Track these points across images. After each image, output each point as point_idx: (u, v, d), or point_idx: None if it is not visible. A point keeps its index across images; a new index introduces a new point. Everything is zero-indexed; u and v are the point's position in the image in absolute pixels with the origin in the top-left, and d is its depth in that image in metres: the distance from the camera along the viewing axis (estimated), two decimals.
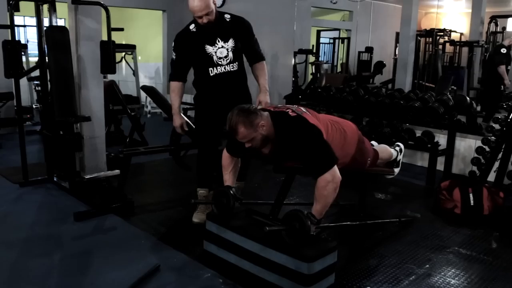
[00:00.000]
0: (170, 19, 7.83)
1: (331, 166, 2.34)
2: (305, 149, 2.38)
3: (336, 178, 2.35)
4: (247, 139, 2.42)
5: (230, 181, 2.76)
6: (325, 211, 2.39)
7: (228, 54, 3.05)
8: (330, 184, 2.33)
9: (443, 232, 3.29)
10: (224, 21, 3.06)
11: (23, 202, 3.73)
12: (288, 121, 2.45)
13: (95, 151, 4.31)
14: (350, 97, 5.12)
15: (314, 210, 2.35)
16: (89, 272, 2.61)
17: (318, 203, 2.36)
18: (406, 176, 4.63)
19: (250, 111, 2.41)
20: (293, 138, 2.42)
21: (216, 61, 3.05)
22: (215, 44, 3.02)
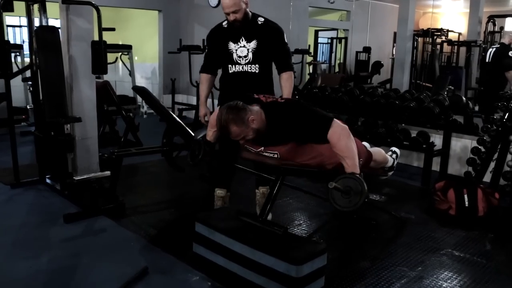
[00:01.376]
0: (166, 19, 7.80)
1: (330, 121, 2.38)
2: (301, 120, 2.41)
3: (342, 126, 2.39)
4: (240, 137, 2.42)
5: (212, 137, 2.79)
6: (357, 162, 2.37)
7: (248, 54, 3.01)
8: (341, 134, 2.36)
9: (437, 233, 3.25)
10: (256, 23, 3.02)
11: (13, 204, 3.69)
12: (278, 106, 2.49)
13: (88, 152, 4.27)
14: (345, 97, 5.08)
15: (349, 166, 2.32)
16: (75, 275, 2.57)
17: (347, 157, 2.34)
18: (402, 176, 4.60)
19: (239, 108, 2.39)
20: (286, 117, 2.44)
21: (236, 59, 3.03)
22: (238, 42, 3.02)
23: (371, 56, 9.59)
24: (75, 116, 3.96)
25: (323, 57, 11.34)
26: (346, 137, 2.35)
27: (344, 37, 9.92)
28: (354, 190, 2.25)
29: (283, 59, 3.11)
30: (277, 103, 2.52)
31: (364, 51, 9.68)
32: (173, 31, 7.71)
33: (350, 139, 2.37)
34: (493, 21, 8.43)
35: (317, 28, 10.82)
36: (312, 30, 10.38)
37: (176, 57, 7.24)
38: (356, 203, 2.26)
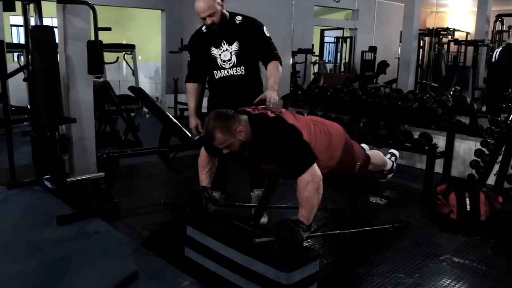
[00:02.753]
0: (169, 18, 7.76)
1: (309, 165, 2.22)
2: (282, 149, 2.27)
3: (316, 177, 2.22)
4: (224, 145, 2.31)
5: (206, 181, 2.66)
6: (312, 215, 2.26)
7: (232, 57, 2.94)
8: (310, 185, 2.20)
9: (437, 238, 3.17)
10: (234, 23, 2.95)
11: (8, 205, 3.67)
12: (265, 123, 2.35)
13: (85, 152, 4.24)
14: (347, 98, 5.00)
15: (301, 215, 2.23)
16: (64, 279, 2.52)
17: (303, 207, 2.23)
18: (404, 179, 4.51)
19: (227, 116, 2.30)
20: (270, 138, 2.31)
21: (220, 64, 2.97)
22: (220, 46, 2.95)
23: (377, 55, 9.49)
24: (71, 116, 3.94)
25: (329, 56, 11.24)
26: (313, 190, 2.20)
27: (350, 37, 9.83)
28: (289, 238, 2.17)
29: (267, 51, 3.01)
30: (266, 117, 2.36)
31: (370, 51, 9.57)
32: (176, 31, 7.66)
33: (316, 193, 2.21)
34: (501, 20, 8.27)
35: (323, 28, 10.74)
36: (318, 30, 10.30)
37: (179, 56, 7.19)
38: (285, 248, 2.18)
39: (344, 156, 2.69)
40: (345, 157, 2.70)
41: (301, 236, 2.15)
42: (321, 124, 2.63)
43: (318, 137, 2.52)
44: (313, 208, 2.25)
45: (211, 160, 2.67)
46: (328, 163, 2.58)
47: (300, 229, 2.16)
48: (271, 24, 6.56)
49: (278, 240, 2.20)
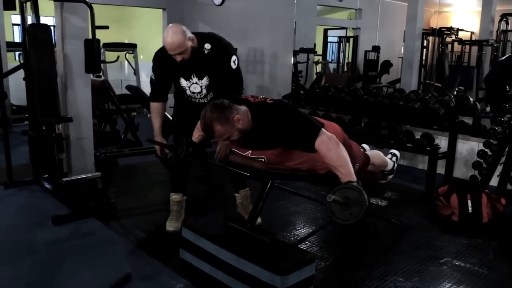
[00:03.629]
0: (170, 17, 7.69)
1: (318, 130, 2.24)
2: (287, 126, 2.29)
3: (329, 135, 2.25)
4: (224, 137, 2.30)
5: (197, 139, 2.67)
6: (351, 168, 2.21)
7: (202, 90, 2.87)
8: (330, 143, 2.22)
9: (438, 241, 3.11)
10: (202, 54, 2.74)
11: (4, 204, 3.63)
12: (266, 107, 2.38)
13: (83, 152, 4.22)
14: (348, 98, 4.94)
15: (344, 175, 2.17)
16: (56, 281, 2.49)
17: (340, 167, 2.20)
18: (405, 179, 4.45)
19: (224, 106, 2.27)
20: (273, 121, 2.32)
21: (190, 95, 2.91)
22: (189, 79, 2.84)
23: (380, 55, 9.42)
24: (69, 115, 3.91)
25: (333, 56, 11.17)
26: (335, 146, 2.21)
27: (353, 36, 9.76)
28: (353, 201, 2.11)
29: (231, 84, 2.85)
30: (265, 104, 2.41)
31: (373, 50, 9.50)
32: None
33: (340, 147, 2.23)
34: (506, 20, 8.17)
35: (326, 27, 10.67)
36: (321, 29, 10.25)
37: None
38: (357, 215, 2.12)
39: None
40: None
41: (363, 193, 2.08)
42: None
43: None
44: (348, 162, 2.22)
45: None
46: (325, 163, 2.53)
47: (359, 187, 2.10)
48: (272, 23, 6.58)
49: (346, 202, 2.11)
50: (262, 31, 6.69)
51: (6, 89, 5.87)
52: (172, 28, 2.64)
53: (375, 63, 9.55)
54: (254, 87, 6.91)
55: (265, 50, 6.66)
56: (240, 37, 6.94)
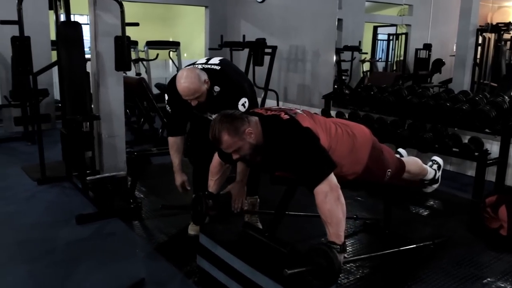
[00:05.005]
0: (212, 15, 7.66)
1: (326, 174, 1.96)
2: (295, 156, 2.02)
3: (333, 185, 1.96)
4: (233, 149, 2.10)
5: (213, 188, 2.50)
6: (342, 230, 1.96)
7: None
8: (329, 195, 1.94)
9: (482, 257, 2.81)
10: (212, 95, 2.63)
11: (34, 201, 3.66)
12: (278, 125, 2.10)
13: (114, 150, 4.18)
14: (391, 98, 4.65)
15: (329, 235, 1.94)
16: (70, 281, 2.45)
17: (329, 224, 1.95)
18: (451, 187, 4.12)
19: (234, 117, 2.08)
20: (282, 143, 2.07)
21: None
22: (204, 115, 2.78)
23: (431, 53, 8.97)
24: (102, 113, 3.89)
25: (383, 54, 10.77)
26: (334, 200, 1.93)
27: (403, 33, 9.34)
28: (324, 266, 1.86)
29: None
30: (279, 119, 2.12)
31: (424, 48, 9.06)
32: (220, 27, 7.55)
33: (338, 203, 1.94)
34: None
35: (376, 24, 10.30)
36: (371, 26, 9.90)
37: (221, 54, 7.06)
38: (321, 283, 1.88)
39: (372, 162, 2.41)
40: (372, 162, 2.41)
41: (338, 260, 1.85)
42: (344, 126, 2.38)
43: (339, 139, 2.26)
44: (340, 222, 1.95)
45: (223, 167, 2.49)
46: (352, 168, 2.33)
47: (334, 252, 1.86)
48: (314, 20, 6.36)
49: (312, 269, 1.90)
50: (303, 28, 6.48)
51: (50, 86, 6.10)
52: (187, 73, 2.50)
53: (426, 61, 9.11)
54: (295, 86, 6.72)
55: (306, 47, 6.45)
56: (281, 34, 6.77)
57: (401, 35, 9.38)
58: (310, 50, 6.42)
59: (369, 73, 8.23)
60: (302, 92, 6.63)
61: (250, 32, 7.04)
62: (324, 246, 1.89)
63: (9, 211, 3.43)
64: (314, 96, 6.35)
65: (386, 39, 10.54)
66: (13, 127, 5.83)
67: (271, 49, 5.93)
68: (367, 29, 8.96)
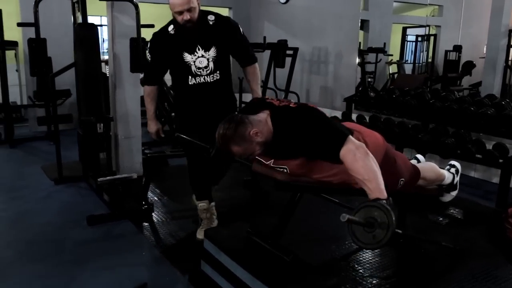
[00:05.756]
0: (236, 15, 7.63)
1: (344, 138, 1.93)
2: (310, 131, 2.01)
3: (357, 143, 1.94)
4: (246, 155, 2.09)
5: None
6: (382, 184, 1.88)
7: (209, 64, 2.69)
8: (357, 153, 1.89)
9: (501, 271, 2.65)
10: (207, 24, 2.67)
11: (49, 200, 3.70)
12: (289, 112, 2.10)
13: (130, 151, 4.22)
14: (413, 101, 4.51)
15: (372, 191, 1.85)
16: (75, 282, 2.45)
17: (367, 181, 1.87)
18: (474, 194, 3.96)
19: (237, 123, 2.03)
20: (294, 127, 2.05)
21: (195, 71, 2.70)
22: (194, 52, 2.67)
23: (461, 55, 8.69)
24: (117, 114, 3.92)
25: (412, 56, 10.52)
26: (363, 156, 1.89)
27: (432, 34, 9.09)
28: (378, 222, 1.77)
29: (245, 52, 2.86)
30: (288, 109, 2.14)
31: (454, 50, 8.80)
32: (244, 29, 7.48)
33: (369, 158, 1.90)
34: None
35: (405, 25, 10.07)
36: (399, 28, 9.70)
37: None
38: (381, 239, 1.76)
39: (383, 170, 2.26)
40: (384, 171, 2.28)
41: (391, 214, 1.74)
42: (356, 132, 2.29)
43: None
44: (377, 175, 1.89)
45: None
46: None
47: (386, 206, 1.76)
48: (337, 21, 6.24)
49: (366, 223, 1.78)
50: (326, 29, 6.38)
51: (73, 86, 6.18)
52: None
53: (456, 63, 8.84)
54: (318, 89, 6.62)
55: (329, 49, 6.34)
56: (304, 36, 6.68)
57: (430, 37, 9.15)
58: (332, 52, 6.31)
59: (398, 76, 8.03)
60: (324, 94, 6.53)
61: (273, 34, 6.98)
62: (374, 203, 1.79)
63: (24, 209, 3.49)
64: (336, 98, 6.23)
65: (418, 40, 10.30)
66: (37, 127, 5.97)
67: (293, 50, 5.86)
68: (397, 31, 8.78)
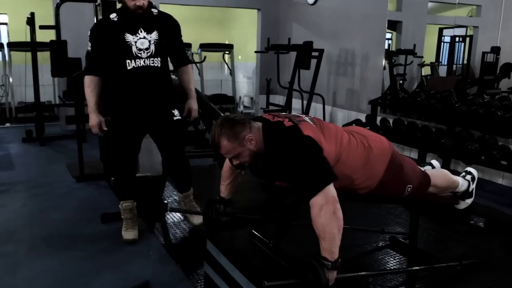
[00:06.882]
0: (264, 17, 7.63)
1: (323, 186, 1.84)
2: (293, 164, 1.91)
3: (330, 198, 1.83)
4: (232, 155, 2.04)
5: (225, 193, 2.44)
6: (336, 246, 1.83)
7: (150, 46, 2.69)
8: (324, 208, 1.81)
9: None
10: (151, 14, 2.75)
11: (69, 197, 3.81)
12: (280, 132, 2.01)
13: (150, 151, 4.26)
14: (438, 105, 4.37)
15: (322, 250, 1.83)
16: (76, 281, 2.49)
17: (322, 238, 1.83)
18: (500, 203, 3.79)
19: (235, 122, 2.01)
20: (281, 151, 1.97)
21: (135, 52, 2.67)
22: (136, 33, 2.69)
23: (500, 57, 8.36)
24: None
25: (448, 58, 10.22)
26: (329, 214, 1.81)
27: (468, 35, 8.79)
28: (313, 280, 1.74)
29: (181, 52, 2.96)
30: (281, 126, 2.03)
31: (492, 52, 8.48)
32: (273, 30, 7.51)
33: (333, 217, 1.81)
34: None
35: (441, 26, 9.79)
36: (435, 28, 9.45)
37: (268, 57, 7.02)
38: None
39: (389, 176, 2.24)
40: (390, 177, 2.24)
41: (326, 276, 1.74)
42: (360, 136, 2.23)
43: (352, 150, 2.12)
44: (333, 238, 1.83)
45: (234, 172, 2.43)
46: (365, 182, 2.18)
47: (323, 268, 1.75)
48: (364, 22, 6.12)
49: (298, 283, 1.80)
50: (353, 30, 6.28)
51: None
52: None
53: (494, 65, 8.52)
54: (344, 91, 6.52)
55: (356, 51, 6.24)
56: (331, 37, 6.61)
57: (467, 38, 8.85)
58: (359, 54, 6.21)
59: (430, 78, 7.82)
60: (350, 97, 6.42)
61: (301, 35, 6.93)
62: (313, 261, 1.78)
63: (44, 206, 3.60)
64: (362, 101, 6.12)
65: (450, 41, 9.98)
66: (67, 126, 6.16)
67: (318, 52, 5.79)
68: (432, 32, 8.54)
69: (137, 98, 2.77)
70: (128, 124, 2.84)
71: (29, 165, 4.83)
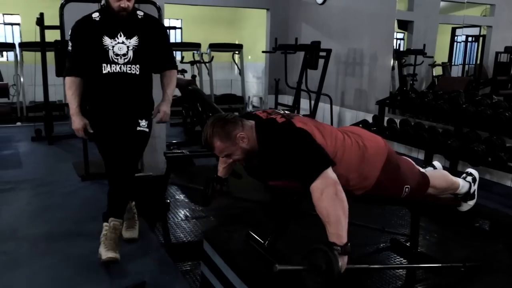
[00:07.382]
0: (273, 17, 7.61)
1: (321, 169, 1.82)
2: (289, 154, 1.90)
3: (330, 180, 1.80)
4: (225, 153, 2.03)
5: (223, 172, 2.43)
6: (343, 229, 1.76)
7: (128, 52, 2.58)
8: (325, 191, 1.78)
9: None
10: (135, 17, 2.63)
11: (73, 196, 3.84)
12: (272, 129, 2.00)
13: (155, 151, 4.30)
14: (445, 105, 4.30)
15: (330, 235, 1.76)
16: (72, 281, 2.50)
17: (327, 223, 1.77)
18: (506, 205, 3.72)
19: (226, 121, 2.00)
20: (276, 145, 1.95)
21: (112, 57, 2.56)
22: (115, 37, 2.57)
23: None
24: None
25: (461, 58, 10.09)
26: (331, 196, 1.77)
27: (481, 35, 8.66)
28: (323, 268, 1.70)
29: (167, 56, 2.78)
30: (274, 123, 2.03)
31: (505, 52, 8.34)
32: (281, 30, 7.49)
33: (336, 199, 1.78)
34: None
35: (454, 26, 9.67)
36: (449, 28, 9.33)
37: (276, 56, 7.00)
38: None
39: (385, 176, 2.20)
40: (386, 177, 2.21)
41: (338, 262, 1.69)
42: (355, 136, 2.20)
43: (347, 149, 2.09)
44: (339, 220, 1.77)
45: None
46: (361, 183, 2.15)
47: (334, 253, 1.70)
48: (373, 22, 6.06)
49: (308, 269, 1.77)
50: (362, 30, 6.23)
51: None
52: None
53: (508, 66, 8.38)
54: (352, 91, 6.47)
55: (364, 51, 6.19)
56: (340, 37, 6.57)
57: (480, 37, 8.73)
58: (367, 54, 6.15)
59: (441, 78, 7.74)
60: (358, 97, 6.37)
61: (310, 35, 6.90)
62: (323, 246, 1.72)
63: (48, 204, 3.63)
64: (370, 101, 6.06)
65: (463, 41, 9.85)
66: None
67: (325, 52, 5.75)
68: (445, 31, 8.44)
69: (107, 103, 2.68)
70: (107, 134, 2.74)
71: (37, 163, 4.89)
